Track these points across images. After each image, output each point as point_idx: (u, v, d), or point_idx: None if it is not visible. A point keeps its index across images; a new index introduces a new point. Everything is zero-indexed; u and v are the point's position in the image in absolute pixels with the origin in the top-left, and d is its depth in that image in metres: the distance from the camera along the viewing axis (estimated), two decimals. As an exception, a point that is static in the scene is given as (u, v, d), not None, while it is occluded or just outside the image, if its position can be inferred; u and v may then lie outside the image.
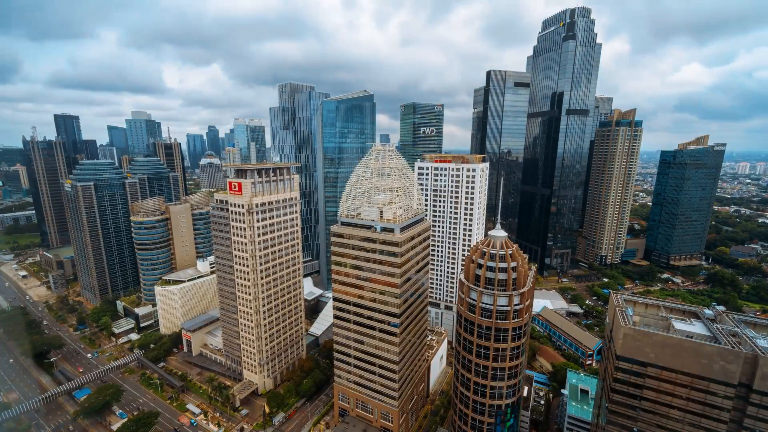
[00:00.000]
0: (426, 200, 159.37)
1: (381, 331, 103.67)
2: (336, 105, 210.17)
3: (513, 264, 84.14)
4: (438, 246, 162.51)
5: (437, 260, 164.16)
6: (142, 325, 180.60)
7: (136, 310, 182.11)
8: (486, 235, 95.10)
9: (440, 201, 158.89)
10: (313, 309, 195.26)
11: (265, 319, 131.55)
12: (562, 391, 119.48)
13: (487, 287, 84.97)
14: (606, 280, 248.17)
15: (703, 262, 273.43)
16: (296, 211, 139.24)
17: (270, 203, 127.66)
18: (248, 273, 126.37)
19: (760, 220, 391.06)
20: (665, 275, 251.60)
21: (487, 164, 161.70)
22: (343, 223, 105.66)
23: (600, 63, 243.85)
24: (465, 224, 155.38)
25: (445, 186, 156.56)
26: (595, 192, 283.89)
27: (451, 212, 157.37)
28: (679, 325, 74.18)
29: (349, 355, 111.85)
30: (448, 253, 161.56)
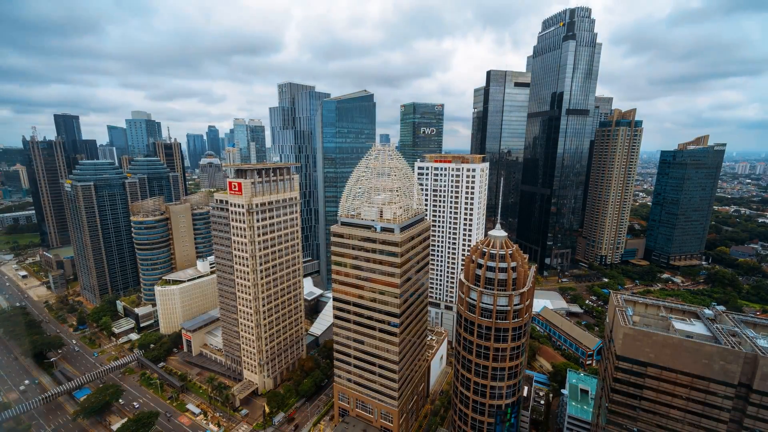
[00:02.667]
0: (426, 200, 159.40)
1: (381, 331, 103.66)
2: (336, 105, 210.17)
3: (513, 264, 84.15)
4: (438, 246, 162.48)
5: (437, 260, 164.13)
6: (142, 325, 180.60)
7: (136, 310, 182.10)
8: (486, 235, 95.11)
9: (440, 201, 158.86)
10: (313, 309, 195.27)
11: (265, 319, 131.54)
12: (562, 391, 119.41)
13: (487, 287, 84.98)
14: (606, 280, 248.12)
15: (703, 262, 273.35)
16: (296, 211, 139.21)
17: (270, 203, 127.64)
18: (248, 273, 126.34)
19: (760, 220, 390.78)
20: (665, 275, 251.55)
21: (487, 164, 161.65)
22: (343, 223, 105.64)
23: (600, 63, 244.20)
24: (465, 224, 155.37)
25: (445, 186, 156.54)
26: (595, 192, 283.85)
27: (451, 212, 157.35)
28: (679, 325, 74.16)
29: (349, 355, 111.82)
30: (448, 253, 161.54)
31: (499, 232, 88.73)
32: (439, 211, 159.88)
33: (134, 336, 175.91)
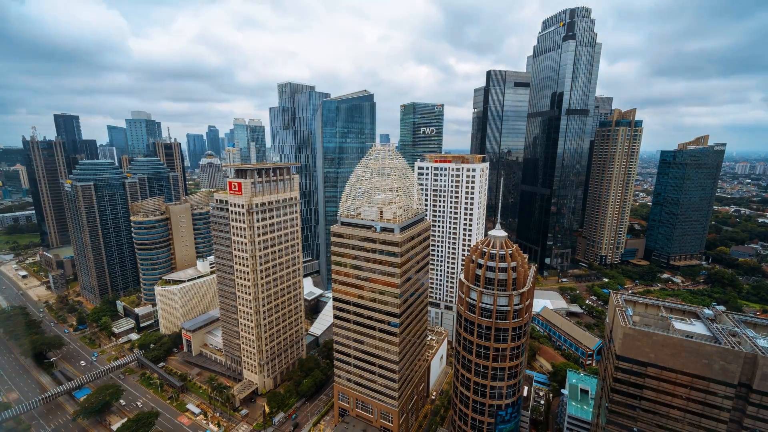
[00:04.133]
0: (426, 200, 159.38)
1: (381, 331, 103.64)
2: (336, 105, 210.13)
3: (513, 264, 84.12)
4: (438, 246, 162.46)
5: (437, 260, 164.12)
6: (142, 325, 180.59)
7: (136, 310, 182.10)
8: (486, 235, 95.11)
9: (440, 201, 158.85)
10: (313, 309, 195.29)
11: (265, 319, 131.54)
12: (562, 391, 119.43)
13: (487, 287, 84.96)
14: (606, 280, 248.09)
15: (703, 262, 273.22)
16: (296, 211, 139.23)
17: (270, 203, 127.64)
18: (248, 273, 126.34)
19: (760, 220, 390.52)
20: (665, 275, 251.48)
21: (487, 164, 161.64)
22: (343, 223, 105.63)
23: (600, 62, 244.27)
24: (465, 224, 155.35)
25: (445, 186, 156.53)
26: (595, 192, 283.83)
27: (451, 212, 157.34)
28: (679, 325, 74.15)
29: (349, 355, 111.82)
30: (448, 253, 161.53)
31: (499, 232, 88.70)
32: (439, 211, 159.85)
33: (134, 336, 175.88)
